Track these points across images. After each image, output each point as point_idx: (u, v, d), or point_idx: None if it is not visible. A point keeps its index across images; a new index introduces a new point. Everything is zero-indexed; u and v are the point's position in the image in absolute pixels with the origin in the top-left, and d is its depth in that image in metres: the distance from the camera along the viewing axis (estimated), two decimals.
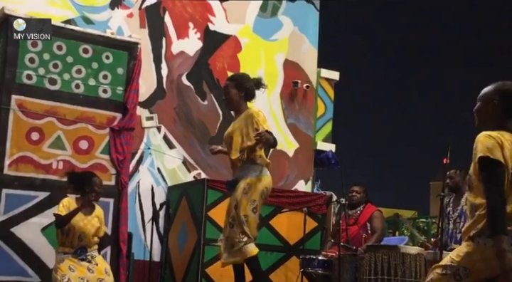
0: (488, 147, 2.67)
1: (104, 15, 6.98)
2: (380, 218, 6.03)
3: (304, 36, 8.26)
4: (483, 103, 2.88)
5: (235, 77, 4.72)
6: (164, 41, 7.35)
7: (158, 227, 6.63)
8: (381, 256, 5.01)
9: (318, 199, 6.67)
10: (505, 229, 2.59)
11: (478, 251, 2.65)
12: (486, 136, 2.71)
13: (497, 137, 2.70)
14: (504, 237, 2.56)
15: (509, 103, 2.82)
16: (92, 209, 5.20)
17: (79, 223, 5.04)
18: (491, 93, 2.87)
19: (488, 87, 2.89)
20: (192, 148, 7.30)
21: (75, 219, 5.03)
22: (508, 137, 2.73)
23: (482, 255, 2.63)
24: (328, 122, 8.47)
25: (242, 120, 4.56)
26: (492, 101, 2.84)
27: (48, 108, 6.03)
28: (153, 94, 7.19)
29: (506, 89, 2.85)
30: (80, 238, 5.05)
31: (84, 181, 5.19)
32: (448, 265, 2.74)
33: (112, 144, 6.21)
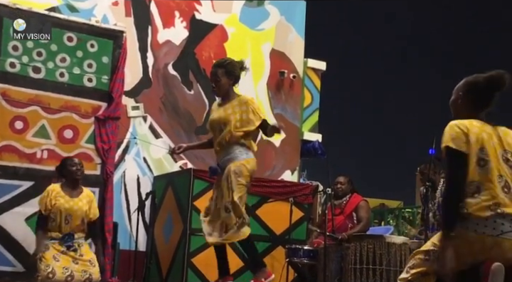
0: (452, 137, 2.71)
1: (89, 3, 6.90)
2: (366, 208, 6.05)
3: (290, 26, 8.23)
4: (454, 96, 2.92)
5: (224, 64, 4.68)
6: (150, 30, 7.29)
7: (143, 217, 6.61)
8: (366, 246, 5.03)
9: (305, 189, 6.68)
10: (453, 224, 2.63)
11: (459, 235, 2.65)
12: (452, 126, 2.75)
13: (464, 126, 2.73)
14: (450, 233, 2.62)
15: (476, 95, 2.85)
16: (79, 191, 5.19)
17: (64, 205, 5.04)
18: (460, 86, 2.91)
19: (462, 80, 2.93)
20: (178, 138, 7.26)
21: (59, 202, 5.03)
22: (476, 124, 2.75)
23: (463, 239, 2.64)
24: (314, 112, 8.47)
25: (236, 106, 4.57)
26: (459, 93, 2.89)
27: (32, 97, 5.97)
28: (139, 83, 7.14)
29: (473, 81, 2.87)
30: (67, 220, 5.03)
31: (60, 168, 5.22)
32: (430, 250, 2.75)
33: (97, 133, 6.18)
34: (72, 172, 5.18)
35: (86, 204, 5.17)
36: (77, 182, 5.23)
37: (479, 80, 2.84)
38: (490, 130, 2.77)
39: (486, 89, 2.82)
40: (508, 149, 2.77)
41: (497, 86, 2.81)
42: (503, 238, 2.60)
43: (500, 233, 2.60)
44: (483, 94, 2.83)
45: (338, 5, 18.07)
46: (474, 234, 2.62)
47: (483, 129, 2.75)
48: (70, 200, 5.10)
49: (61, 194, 5.10)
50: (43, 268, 4.85)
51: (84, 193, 5.22)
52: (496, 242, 2.61)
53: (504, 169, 2.72)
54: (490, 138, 2.74)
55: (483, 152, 2.71)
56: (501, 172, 2.71)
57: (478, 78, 2.85)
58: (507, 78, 2.79)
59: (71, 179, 5.20)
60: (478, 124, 2.77)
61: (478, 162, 2.69)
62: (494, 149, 2.73)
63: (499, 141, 2.77)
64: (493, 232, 2.61)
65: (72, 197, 5.13)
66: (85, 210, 5.15)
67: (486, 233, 2.61)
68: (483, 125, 2.78)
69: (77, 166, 5.21)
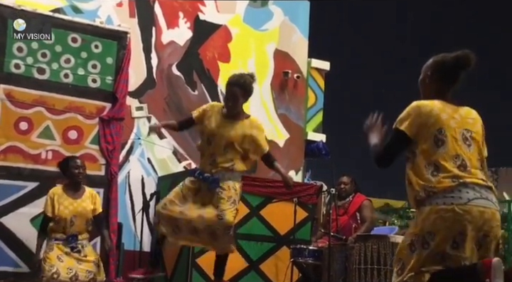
0: (401, 118, 2.88)
1: (93, 4, 6.91)
2: (369, 208, 6.04)
3: (294, 26, 8.24)
4: (423, 75, 3.03)
5: (244, 85, 4.49)
6: (154, 31, 7.30)
7: (148, 217, 6.61)
8: (371, 246, 5.02)
9: (309, 189, 6.67)
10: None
11: (431, 212, 2.76)
12: (413, 107, 2.89)
13: (424, 109, 2.85)
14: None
15: (443, 73, 2.95)
16: (82, 191, 5.20)
17: (68, 207, 5.05)
18: (428, 65, 3.02)
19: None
20: (182, 138, 7.27)
21: (63, 205, 5.04)
22: (438, 105, 2.87)
23: (436, 214, 2.75)
24: (318, 112, 8.47)
25: (247, 128, 4.45)
26: (427, 72, 3.00)
27: (36, 98, 5.99)
28: (143, 84, 7.15)
29: (441, 60, 2.98)
30: (72, 221, 5.05)
31: (62, 168, 5.23)
32: (413, 240, 2.82)
33: (101, 134, 6.19)
34: (74, 175, 5.19)
35: (90, 204, 5.18)
36: (80, 183, 5.24)
37: (447, 59, 2.95)
38: (451, 111, 2.88)
39: (453, 67, 2.93)
40: (468, 128, 2.88)
41: (463, 65, 2.92)
42: (471, 205, 2.73)
43: (467, 201, 2.73)
44: (450, 72, 2.95)
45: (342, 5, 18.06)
46: (444, 206, 2.73)
47: (443, 109, 2.86)
48: (74, 202, 5.11)
49: (64, 197, 5.11)
50: (48, 269, 4.86)
51: (86, 192, 5.23)
52: (465, 210, 2.72)
53: (462, 148, 2.83)
54: (450, 118, 2.85)
55: (441, 133, 2.83)
56: (458, 152, 2.82)
57: (446, 57, 2.96)
58: (472, 58, 2.91)
59: (73, 181, 5.21)
60: (440, 105, 2.88)
61: (436, 143, 2.82)
62: (454, 130, 2.84)
63: (460, 121, 2.87)
64: (460, 201, 2.73)
65: (76, 198, 5.14)
66: (90, 209, 5.16)
67: (454, 203, 2.73)
68: (444, 106, 2.88)
69: (80, 168, 5.20)
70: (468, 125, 2.89)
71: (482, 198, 2.77)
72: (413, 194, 2.85)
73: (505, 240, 7.24)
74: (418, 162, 2.84)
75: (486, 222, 2.76)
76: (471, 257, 2.75)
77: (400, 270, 2.83)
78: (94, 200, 5.24)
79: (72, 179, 5.20)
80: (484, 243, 2.79)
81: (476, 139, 2.89)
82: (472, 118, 2.93)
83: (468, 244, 2.73)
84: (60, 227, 5.05)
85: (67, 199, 5.10)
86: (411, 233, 2.84)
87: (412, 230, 2.85)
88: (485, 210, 2.76)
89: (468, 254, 2.74)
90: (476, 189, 2.78)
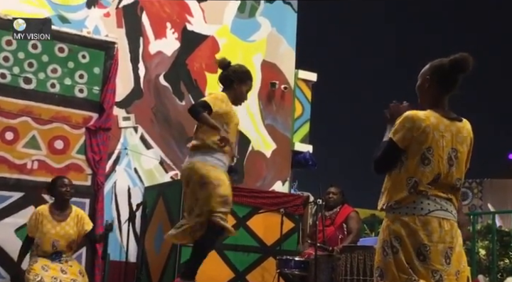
0: (396, 130, 2.90)
1: (80, 14, 6.91)
2: (356, 219, 6.06)
3: (281, 37, 8.28)
4: (420, 80, 3.03)
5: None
6: (142, 41, 7.31)
7: (134, 228, 6.58)
8: (357, 257, 5.04)
9: (296, 200, 6.68)
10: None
11: (395, 220, 2.86)
12: (407, 119, 2.89)
13: (418, 122, 2.86)
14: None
15: (440, 77, 2.95)
16: (68, 212, 5.16)
17: (50, 231, 5.02)
18: (426, 70, 3.02)
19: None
20: (169, 148, 7.27)
21: (46, 228, 5.01)
22: (432, 120, 2.87)
23: (401, 222, 2.84)
24: (305, 123, 8.50)
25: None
26: (425, 77, 2.99)
27: (22, 107, 5.97)
28: (130, 94, 7.14)
29: (437, 64, 2.98)
30: (54, 246, 5.02)
31: (50, 188, 5.21)
32: (382, 245, 2.88)
33: (88, 144, 6.18)
34: (61, 193, 5.16)
35: (74, 226, 5.13)
36: (67, 202, 5.21)
37: (444, 63, 2.95)
38: (444, 127, 2.90)
39: (450, 72, 2.93)
40: (455, 147, 2.91)
41: (461, 68, 2.92)
42: (432, 216, 2.82)
43: (428, 212, 2.82)
44: (448, 77, 2.94)
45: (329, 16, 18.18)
46: (406, 217, 2.83)
47: (437, 127, 2.88)
48: (57, 225, 5.06)
49: (48, 219, 5.07)
50: (32, 278, 4.83)
51: (72, 213, 5.18)
52: (425, 220, 2.81)
53: (445, 168, 2.87)
54: (440, 137, 2.87)
55: (429, 152, 2.86)
56: (441, 171, 2.86)
57: (443, 62, 2.96)
58: (470, 61, 2.91)
59: (60, 199, 5.18)
60: (434, 120, 2.89)
61: (423, 160, 2.86)
62: (442, 149, 2.87)
63: (450, 139, 2.90)
64: (421, 212, 2.82)
65: (60, 221, 5.09)
66: (73, 233, 5.12)
67: (416, 213, 2.83)
68: (438, 122, 2.89)
69: (67, 187, 5.19)
70: (457, 144, 2.91)
71: (442, 209, 2.85)
72: (383, 200, 2.95)
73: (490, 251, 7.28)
74: (402, 174, 2.89)
75: (446, 233, 2.83)
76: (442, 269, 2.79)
77: (379, 276, 2.88)
78: (82, 221, 5.19)
79: (59, 198, 5.17)
80: (452, 254, 2.84)
81: (459, 158, 2.92)
82: (463, 136, 2.94)
83: (434, 256, 2.79)
84: (41, 248, 5.02)
85: (51, 221, 5.06)
86: (381, 240, 2.91)
87: (381, 236, 2.92)
88: (444, 221, 2.83)
89: (438, 266, 2.79)
90: (436, 200, 2.85)
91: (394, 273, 2.80)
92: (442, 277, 2.79)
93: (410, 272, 2.78)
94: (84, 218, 5.25)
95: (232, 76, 4.56)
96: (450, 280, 2.81)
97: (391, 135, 2.91)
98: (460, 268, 2.87)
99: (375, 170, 2.97)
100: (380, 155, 2.94)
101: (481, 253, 7.55)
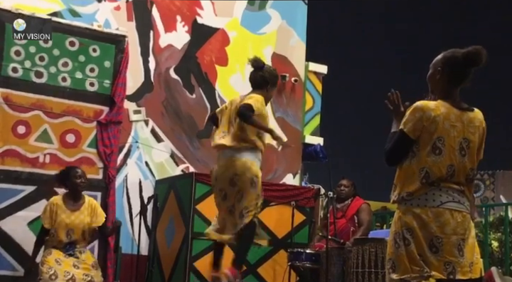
0: (407, 120, 2.88)
1: (91, 8, 6.92)
2: (367, 211, 6.05)
3: (292, 30, 8.25)
4: (432, 70, 2.99)
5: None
6: (152, 34, 7.31)
7: (145, 221, 6.61)
8: (368, 249, 5.03)
9: (307, 193, 6.68)
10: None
11: (407, 212, 2.85)
12: (417, 109, 2.88)
13: (428, 112, 2.84)
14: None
15: (452, 69, 2.91)
16: (81, 202, 5.19)
17: (65, 220, 5.05)
18: (437, 60, 2.98)
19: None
20: (180, 142, 7.28)
21: (60, 217, 5.03)
22: (443, 110, 2.86)
23: (413, 214, 2.83)
24: (316, 115, 8.47)
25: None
26: (437, 68, 2.95)
27: (34, 101, 5.99)
28: (141, 87, 7.15)
29: (450, 55, 2.94)
30: (68, 234, 5.05)
31: (63, 178, 5.22)
32: (394, 237, 2.88)
33: (99, 137, 6.19)
34: (76, 184, 5.18)
35: (87, 216, 5.16)
36: (80, 193, 5.23)
37: (457, 55, 2.91)
38: (455, 117, 2.88)
39: (463, 64, 2.90)
40: (467, 137, 2.89)
41: (474, 61, 2.88)
42: (444, 207, 2.82)
43: (440, 204, 2.81)
44: (460, 69, 2.91)
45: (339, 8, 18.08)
46: (419, 208, 2.83)
47: (447, 116, 2.86)
48: (71, 214, 5.09)
49: (62, 209, 5.09)
50: (45, 271, 4.87)
51: (86, 203, 5.21)
52: (438, 212, 2.80)
53: (457, 158, 2.86)
54: (451, 127, 2.86)
55: (440, 141, 2.85)
56: (453, 161, 2.85)
57: (457, 53, 2.92)
58: (484, 54, 2.87)
59: (74, 190, 5.20)
60: (444, 110, 2.87)
61: (434, 150, 2.85)
62: (453, 139, 2.86)
63: (461, 129, 2.88)
64: (433, 203, 2.81)
65: (74, 211, 5.11)
66: (87, 222, 5.15)
67: (428, 205, 2.82)
68: (449, 111, 2.87)
69: (82, 178, 5.21)
70: (468, 134, 2.89)
71: (454, 201, 2.84)
72: (395, 192, 2.94)
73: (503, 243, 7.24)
74: (413, 164, 2.88)
75: (458, 225, 2.81)
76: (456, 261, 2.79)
77: (391, 268, 2.87)
78: (95, 212, 5.22)
79: (73, 189, 5.19)
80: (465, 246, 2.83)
81: (471, 148, 2.91)
82: (474, 126, 2.92)
83: (447, 247, 2.78)
84: (56, 240, 5.05)
85: (65, 211, 5.08)
86: (393, 232, 2.90)
87: (393, 228, 2.91)
88: (456, 213, 2.82)
89: (451, 258, 2.78)
90: (449, 192, 2.84)
91: (406, 265, 2.80)
92: (455, 269, 2.78)
93: (422, 264, 2.77)
94: (97, 209, 5.28)
95: (268, 78, 4.61)
96: (463, 272, 2.80)
97: (402, 126, 2.89)
98: (473, 260, 2.86)
99: (387, 162, 2.95)
100: (391, 146, 2.92)
101: (493, 245, 7.51)
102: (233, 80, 7.71)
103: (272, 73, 4.67)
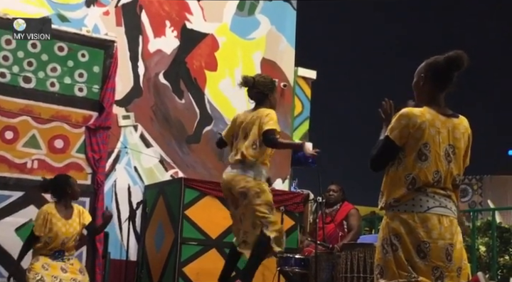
0: (392, 127, 2.91)
1: (79, 13, 6.91)
2: (356, 216, 6.07)
3: (281, 35, 8.28)
4: (416, 78, 3.03)
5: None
6: (141, 39, 7.31)
7: (134, 226, 6.60)
8: (357, 254, 5.04)
9: (296, 198, 6.69)
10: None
11: (394, 218, 2.87)
12: (403, 116, 2.90)
13: (413, 119, 2.87)
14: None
15: (435, 74, 2.95)
16: (72, 210, 5.15)
17: (61, 229, 4.99)
18: (421, 68, 3.03)
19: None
20: (169, 147, 7.27)
21: (57, 226, 4.97)
22: (428, 116, 2.88)
23: (400, 220, 2.84)
24: (305, 120, 8.50)
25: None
26: (421, 74, 3.00)
27: (22, 107, 5.97)
28: (130, 92, 7.14)
29: (432, 61, 2.98)
30: (63, 243, 5.00)
31: (63, 184, 5.12)
32: (382, 243, 2.89)
33: (87, 143, 6.17)
34: (77, 193, 5.13)
35: (78, 224, 5.13)
36: (70, 201, 5.17)
37: (439, 60, 2.96)
38: (441, 123, 2.90)
39: (445, 69, 2.93)
40: (452, 143, 2.92)
41: (456, 66, 2.92)
42: (431, 213, 2.83)
43: (426, 209, 2.83)
44: (443, 74, 2.95)
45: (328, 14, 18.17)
46: (406, 214, 2.84)
47: (433, 123, 2.89)
48: (66, 223, 5.02)
49: (57, 217, 5.01)
50: (32, 277, 4.82)
51: (75, 211, 5.16)
52: (425, 217, 2.82)
53: (443, 164, 2.88)
54: (437, 134, 2.88)
55: (426, 148, 2.87)
56: (439, 168, 2.87)
57: (438, 59, 2.96)
58: (465, 58, 2.91)
59: (70, 198, 5.12)
60: (430, 116, 2.90)
61: (420, 157, 2.87)
62: (438, 145, 2.88)
63: (446, 135, 2.91)
64: (420, 209, 2.83)
65: (68, 219, 5.05)
66: (78, 230, 5.12)
67: (415, 210, 2.84)
68: (434, 118, 2.90)
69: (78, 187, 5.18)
70: (454, 140, 2.93)
71: (441, 206, 2.86)
72: (382, 199, 2.96)
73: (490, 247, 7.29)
74: (400, 171, 2.90)
75: (445, 230, 2.83)
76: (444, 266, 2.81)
77: (379, 274, 2.89)
78: (83, 216, 5.18)
79: (68, 197, 5.10)
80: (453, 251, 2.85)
81: (457, 154, 2.93)
82: (460, 132, 2.95)
83: (434, 252, 2.80)
84: (50, 246, 5.00)
85: (60, 219, 5.02)
86: (380, 238, 2.92)
87: (381, 234, 2.93)
88: (443, 218, 2.84)
89: (439, 263, 2.80)
90: (435, 197, 2.86)
91: (394, 270, 2.81)
92: (443, 274, 2.80)
93: (410, 269, 2.79)
94: (84, 212, 5.23)
95: (265, 90, 4.78)
96: (451, 277, 2.82)
97: (388, 133, 2.92)
98: (461, 265, 2.88)
99: (371, 167, 2.98)
100: (376, 152, 2.95)
101: (481, 250, 7.56)
102: (222, 85, 7.72)
103: (264, 83, 4.79)
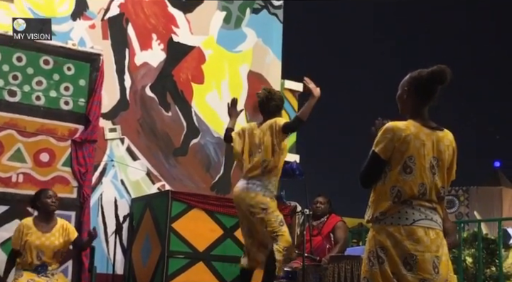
0: (378, 141, 2.94)
1: (65, 26, 6.89)
2: (343, 229, 6.07)
3: (267, 48, 8.31)
4: (400, 91, 3.07)
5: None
6: (127, 52, 7.30)
7: (121, 240, 6.55)
8: (344, 266, 5.04)
9: (283, 210, 6.66)
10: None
11: (381, 231, 2.89)
12: (388, 130, 2.93)
13: (398, 133, 2.90)
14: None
15: (419, 87, 2.99)
16: (53, 224, 5.10)
17: (35, 242, 4.95)
18: (404, 81, 3.06)
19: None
20: (156, 160, 7.25)
21: (30, 239, 4.94)
22: (413, 130, 2.92)
23: (386, 233, 2.86)
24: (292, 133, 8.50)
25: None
26: (404, 88, 3.04)
27: (7, 120, 5.94)
28: (117, 105, 7.12)
29: (416, 75, 3.02)
30: (38, 256, 4.95)
31: (34, 199, 5.14)
32: (368, 256, 2.91)
33: (73, 156, 6.14)
34: (46, 204, 5.08)
35: (60, 237, 5.07)
36: (52, 214, 5.14)
37: (423, 74, 2.99)
38: (425, 136, 2.93)
39: (429, 82, 2.97)
40: (436, 156, 2.94)
41: (439, 80, 2.96)
42: (417, 225, 2.85)
43: (412, 222, 2.85)
44: (427, 87, 2.98)
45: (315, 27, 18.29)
46: (392, 227, 2.86)
47: (417, 135, 2.91)
48: (42, 236, 4.99)
49: (33, 230, 5.00)
50: None
51: (57, 225, 5.12)
52: (411, 230, 2.84)
53: (428, 176, 2.90)
54: (421, 146, 2.90)
55: (411, 160, 2.89)
56: (424, 180, 2.89)
57: (422, 73, 3.00)
58: (448, 72, 2.95)
59: (45, 211, 5.10)
60: (414, 129, 2.92)
61: (405, 169, 2.89)
62: (423, 158, 2.90)
63: (431, 148, 2.93)
64: (406, 222, 2.85)
65: (45, 232, 5.02)
66: (58, 244, 5.06)
67: (401, 223, 2.85)
68: (419, 131, 2.93)
69: (52, 198, 5.12)
70: (438, 153, 2.95)
71: (427, 219, 2.88)
72: (369, 212, 2.98)
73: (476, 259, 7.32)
74: (386, 184, 2.92)
75: (432, 242, 2.85)
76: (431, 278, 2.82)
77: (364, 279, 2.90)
78: (67, 232, 5.14)
79: (43, 209, 5.10)
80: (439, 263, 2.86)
81: (441, 167, 2.96)
82: (444, 145, 2.97)
83: (421, 265, 2.81)
84: (27, 260, 4.96)
85: (36, 232, 4.99)
86: (367, 250, 2.94)
87: (367, 247, 2.95)
88: (429, 230, 2.86)
89: (427, 275, 2.81)
90: (421, 210, 2.88)
91: None
92: None
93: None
94: (69, 228, 5.21)
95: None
96: None
97: (373, 147, 2.95)
98: (448, 278, 2.89)
99: (362, 184, 3.00)
100: (364, 168, 2.98)
101: (467, 261, 7.58)
102: (209, 98, 7.73)
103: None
